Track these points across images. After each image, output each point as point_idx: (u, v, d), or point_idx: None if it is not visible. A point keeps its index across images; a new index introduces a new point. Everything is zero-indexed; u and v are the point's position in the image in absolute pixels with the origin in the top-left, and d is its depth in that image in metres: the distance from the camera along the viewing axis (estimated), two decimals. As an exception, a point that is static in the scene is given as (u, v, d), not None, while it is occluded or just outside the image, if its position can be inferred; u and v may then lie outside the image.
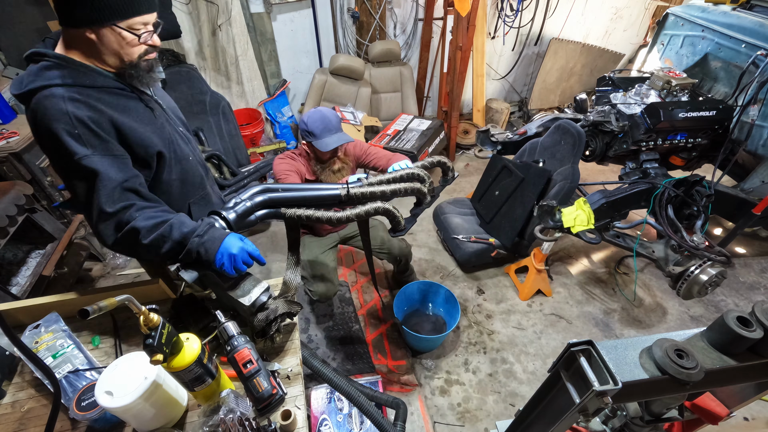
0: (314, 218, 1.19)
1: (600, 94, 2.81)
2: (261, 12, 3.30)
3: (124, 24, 1.01)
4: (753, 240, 3.06)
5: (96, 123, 1.02)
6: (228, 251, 1.02)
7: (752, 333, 0.69)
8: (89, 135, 1.00)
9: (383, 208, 1.22)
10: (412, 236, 3.12)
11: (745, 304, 2.61)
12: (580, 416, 0.72)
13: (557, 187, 2.36)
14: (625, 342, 0.75)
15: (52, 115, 0.97)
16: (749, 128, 2.37)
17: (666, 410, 0.99)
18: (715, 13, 2.73)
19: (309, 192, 1.23)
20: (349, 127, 3.51)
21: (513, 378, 2.22)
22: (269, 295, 1.12)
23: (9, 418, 1.08)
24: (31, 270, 2.24)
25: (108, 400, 0.90)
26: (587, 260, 2.94)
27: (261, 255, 1.10)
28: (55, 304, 1.26)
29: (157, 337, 0.82)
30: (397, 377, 2.22)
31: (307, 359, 1.27)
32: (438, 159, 1.43)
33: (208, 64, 3.29)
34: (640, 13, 4.49)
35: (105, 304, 0.77)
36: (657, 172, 2.49)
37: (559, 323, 2.50)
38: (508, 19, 3.94)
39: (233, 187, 2.58)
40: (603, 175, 3.78)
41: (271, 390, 1.05)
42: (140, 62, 1.10)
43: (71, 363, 1.13)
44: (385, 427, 1.31)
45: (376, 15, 3.59)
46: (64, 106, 0.98)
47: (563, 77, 4.38)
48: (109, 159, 1.03)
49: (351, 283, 2.76)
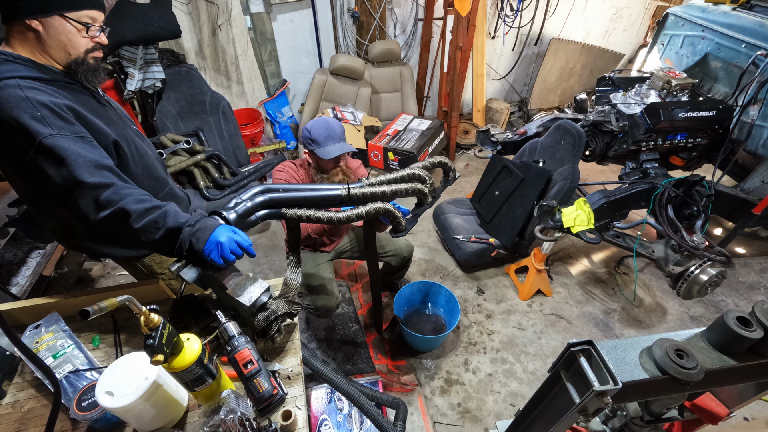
0: (315, 218, 1.19)
1: (600, 94, 2.81)
2: (261, 12, 3.30)
3: (72, 15, 1.02)
4: (753, 240, 3.06)
5: (57, 106, 1.00)
6: (216, 239, 1.02)
7: (752, 333, 0.69)
8: (53, 117, 0.99)
9: (384, 208, 1.22)
10: (412, 236, 3.12)
11: (745, 304, 2.61)
12: (580, 416, 0.72)
13: (557, 187, 2.36)
14: (625, 342, 0.75)
15: (12, 103, 0.95)
16: (749, 128, 2.37)
17: (666, 410, 0.99)
18: (715, 13, 2.73)
19: (310, 192, 1.23)
20: (349, 127, 3.51)
21: (513, 378, 2.22)
22: (270, 295, 1.12)
23: (9, 418, 1.08)
24: (31, 270, 2.24)
25: (108, 401, 0.91)
26: (587, 260, 2.94)
27: (252, 249, 1.08)
28: (56, 305, 1.26)
29: (157, 337, 0.82)
30: (397, 377, 2.22)
31: (308, 359, 1.27)
32: (439, 159, 1.43)
33: (208, 64, 3.29)
34: (640, 13, 4.49)
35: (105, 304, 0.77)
36: (657, 172, 2.49)
37: (559, 323, 2.50)
38: (508, 19, 3.94)
39: (233, 187, 2.58)
40: (603, 175, 3.78)
41: (272, 390, 1.05)
42: (87, 58, 1.09)
43: (72, 363, 1.13)
44: (385, 427, 1.31)
45: (376, 15, 3.59)
46: (22, 92, 0.96)
47: (563, 77, 4.38)
48: (76, 139, 1.01)
49: (351, 284, 2.76)
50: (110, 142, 1.13)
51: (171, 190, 1.43)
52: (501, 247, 2.63)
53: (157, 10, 2.50)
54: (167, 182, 1.42)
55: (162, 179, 1.38)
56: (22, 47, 1.03)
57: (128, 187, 1.07)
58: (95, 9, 1.05)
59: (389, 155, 3.35)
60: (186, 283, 1.04)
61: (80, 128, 1.04)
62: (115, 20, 2.34)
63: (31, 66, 1.03)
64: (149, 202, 1.05)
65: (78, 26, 1.03)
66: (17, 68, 1.00)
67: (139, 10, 2.44)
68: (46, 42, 1.03)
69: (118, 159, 1.17)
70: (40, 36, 1.01)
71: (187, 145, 2.58)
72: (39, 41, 1.03)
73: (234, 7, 3.09)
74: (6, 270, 2.19)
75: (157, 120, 2.79)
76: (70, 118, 1.03)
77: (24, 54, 1.03)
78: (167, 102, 2.81)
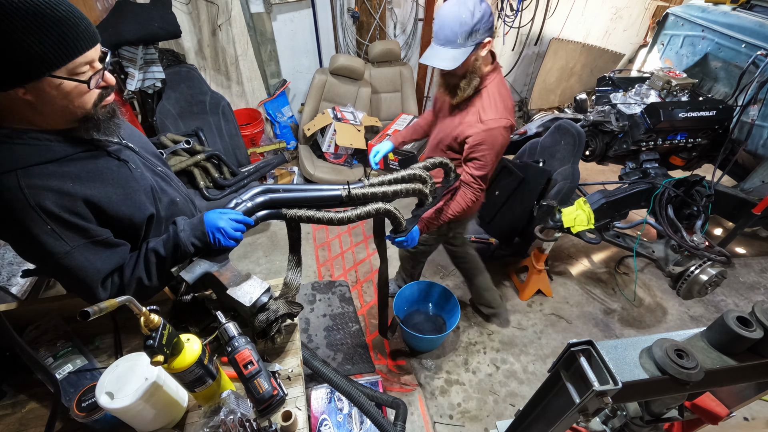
0: (315, 219, 1.19)
1: (600, 94, 2.81)
2: (261, 12, 3.30)
3: (62, 72, 0.78)
4: (753, 240, 3.06)
5: (69, 211, 0.85)
6: (215, 226, 1.00)
7: (752, 333, 0.69)
8: (64, 229, 0.86)
9: (384, 209, 1.23)
10: (412, 236, 3.12)
11: (745, 304, 2.61)
12: (580, 416, 0.72)
13: (557, 187, 2.36)
14: (625, 342, 0.75)
15: (18, 215, 0.81)
16: (749, 128, 2.37)
17: (666, 410, 0.99)
18: (715, 13, 2.73)
19: (310, 192, 1.23)
20: (349, 127, 3.51)
21: (513, 378, 2.22)
22: (270, 295, 1.12)
23: (9, 419, 1.08)
24: (31, 270, 2.23)
25: (108, 401, 0.90)
26: (587, 260, 2.94)
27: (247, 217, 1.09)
28: (56, 305, 1.26)
29: (157, 338, 0.82)
30: (397, 377, 2.22)
31: (308, 360, 1.27)
32: (440, 160, 1.43)
33: (208, 64, 3.29)
34: (640, 13, 4.49)
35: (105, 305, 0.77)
36: (657, 172, 2.50)
37: (559, 323, 2.50)
38: (508, 19, 3.94)
39: (233, 187, 2.58)
40: (603, 175, 3.79)
41: (272, 391, 1.05)
42: (98, 111, 0.88)
43: (71, 363, 1.13)
44: (385, 427, 1.31)
45: (376, 15, 3.59)
46: (26, 200, 0.80)
47: (563, 77, 4.38)
48: (91, 248, 0.91)
49: (351, 283, 2.76)
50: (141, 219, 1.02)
51: None
52: (501, 247, 2.63)
53: (157, 10, 2.50)
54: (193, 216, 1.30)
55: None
56: (17, 118, 0.83)
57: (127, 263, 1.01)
58: (88, 48, 0.81)
59: (389, 155, 3.36)
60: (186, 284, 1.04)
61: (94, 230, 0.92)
62: (115, 20, 2.34)
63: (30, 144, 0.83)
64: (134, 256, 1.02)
65: (74, 85, 0.81)
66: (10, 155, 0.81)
67: (139, 10, 2.44)
68: (43, 111, 0.82)
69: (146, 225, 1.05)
70: (34, 106, 0.81)
71: (187, 145, 2.58)
72: (35, 111, 0.82)
73: (234, 7, 3.09)
74: (6, 270, 2.20)
75: (157, 120, 2.79)
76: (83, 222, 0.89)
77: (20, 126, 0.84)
78: (167, 102, 2.81)
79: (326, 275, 2.82)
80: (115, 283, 0.99)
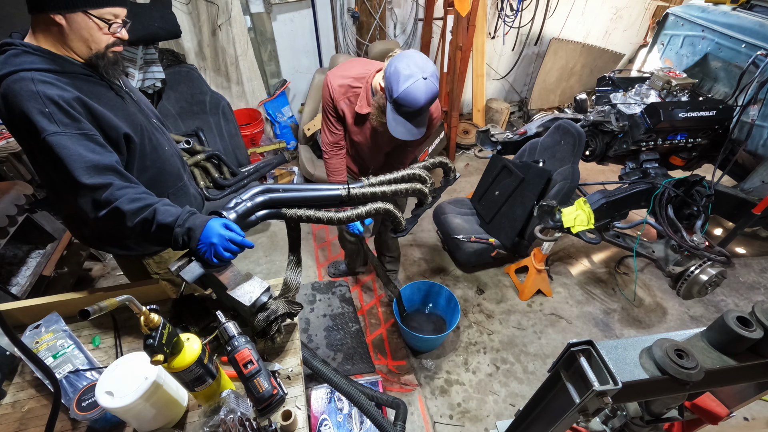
0: (315, 219, 1.19)
1: (600, 94, 2.81)
2: (261, 12, 3.29)
3: (95, 12, 1.04)
4: (753, 240, 3.06)
5: (66, 102, 1.02)
6: (208, 240, 1.01)
7: (752, 333, 0.69)
8: (59, 113, 1.01)
9: (384, 208, 1.22)
10: (412, 236, 3.12)
11: (745, 304, 2.61)
12: (580, 416, 0.72)
13: (557, 187, 2.36)
14: (625, 342, 0.75)
15: (23, 96, 0.99)
16: (749, 128, 2.37)
17: (666, 410, 0.99)
18: (715, 13, 2.73)
19: (310, 192, 1.23)
20: (349, 127, 3.50)
21: (513, 378, 2.22)
22: (270, 295, 1.12)
23: (9, 418, 1.08)
24: (31, 270, 2.23)
25: (108, 401, 0.91)
26: (587, 260, 2.94)
27: (247, 240, 1.06)
28: (56, 304, 1.26)
29: (157, 337, 0.82)
30: (397, 377, 2.22)
31: (308, 359, 1.27)
32: (440, 160, 1.43)
33: (208, 64, 3.29)
34: (640, 13, 4.48)
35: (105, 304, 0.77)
36: (657, 172, 2.49)
37: (559, 323, 2.50)
38: (508, 19, 3.94)
39: (233, 187, 2.58)
40: (603, 175, 3.78)
41: (272, 390, 1.05)
42: (107, 53, 1.12)
43: (71, 363, 1.13)
44: (385, 427, 1.31)
45: (376, 15, 3.59)
46: (33, 87, 0.99)
47: (563, 77, 4.37)
48: (79, 137, 1.03)
49: (351, 283, 2.76)
50: (120, 135, 1.14)
51: (184, 186, 1.42)
52: (501, 247, 2.63)
53: (157, 10, 2.50)
54: (181, 178, 1.41)
55: (175, 174, 1.38)
56: (45, 39, 1.06)
57: (126, 186, 1.07)
58: (118, 6, 1.09)
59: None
60: (186, 283, 1.04)
61: (86, 125, 1.06)
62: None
63: (48, 58, 1.05)
64: (142, 200, 1.06)
65: (100, 23, 1.06)
66: (35, 60, 1.03)
67: (139, 10, 2.44)
68: (69, 36, 1.05)
69: (128, 152, 1.19)
70: (63, 30, 1.04)
71: (187, 145, 2.57)
72: (62, 35, 1.05)
73: (234, 7, 3.09)
74: (6, 270, 2.19)
75: (157, 120, 2.79)
76: (78, 114, 1.04)
77: (46, 46, 1.06)
78: (167, 102, 2.81)
79: (326, 275, 2.82)
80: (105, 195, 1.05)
